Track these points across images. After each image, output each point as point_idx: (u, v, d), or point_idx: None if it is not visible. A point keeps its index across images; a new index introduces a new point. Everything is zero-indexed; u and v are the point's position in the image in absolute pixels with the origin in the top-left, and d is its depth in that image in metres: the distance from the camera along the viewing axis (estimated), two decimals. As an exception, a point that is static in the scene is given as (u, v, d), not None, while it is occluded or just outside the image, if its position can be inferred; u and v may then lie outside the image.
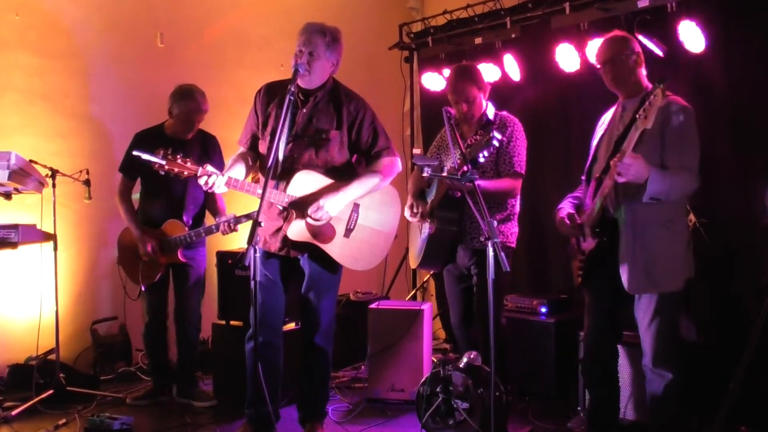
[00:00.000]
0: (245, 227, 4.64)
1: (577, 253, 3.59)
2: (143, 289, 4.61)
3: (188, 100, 4.61)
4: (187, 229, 4.60)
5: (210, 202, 4.81)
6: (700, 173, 3.29)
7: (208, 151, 4.70)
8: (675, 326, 3.45)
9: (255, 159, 3.90)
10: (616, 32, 3.56)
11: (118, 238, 4.75)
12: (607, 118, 3.63)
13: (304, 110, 3.73)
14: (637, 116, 3.09)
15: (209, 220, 4.82)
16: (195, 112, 4.62)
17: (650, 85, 3.44)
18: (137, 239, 4.58)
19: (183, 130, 4.64)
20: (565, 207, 3.65)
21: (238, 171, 3.74)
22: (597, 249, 3.43)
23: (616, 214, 3.34)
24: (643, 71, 3.47)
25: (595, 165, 3.54)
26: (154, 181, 4.53)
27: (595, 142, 3.62)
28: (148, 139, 4.50)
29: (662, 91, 3.02)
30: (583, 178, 3.67)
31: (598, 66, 3.54)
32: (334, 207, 3.67)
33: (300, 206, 3.66)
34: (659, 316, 3.33)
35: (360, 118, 3.78)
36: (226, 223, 4.45)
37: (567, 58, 5.06)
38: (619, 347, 3.99)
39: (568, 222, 3.54)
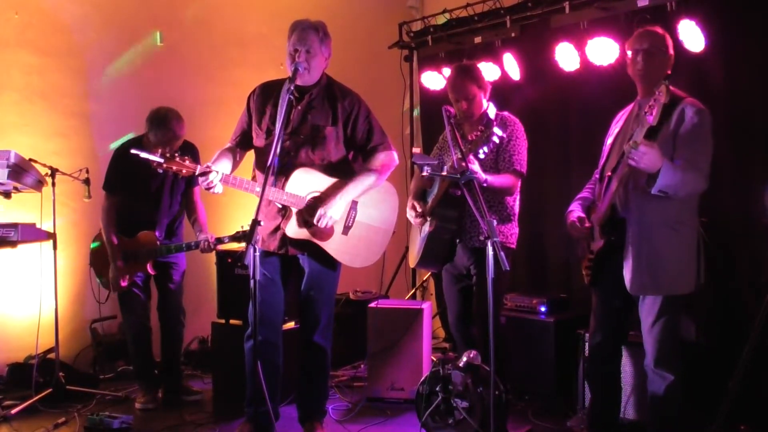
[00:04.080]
0: (238, 213, 4.68)
1: (586, 253, 3.59)
2: (117, 293, 4.60)
3: (163, 129, 4.48)
4: (158, 243, 4.60)
5: (191, 212, 4.79)
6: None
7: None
8: (678, 328, 3.44)
9: (242, 155, 3.95)
10: (658, 28, 3.51)
11: (93, 242, 4.69)
12: (623, 116, 3.61)
13: (299, 107, 3.74)
14: (644, 112, 3.09)
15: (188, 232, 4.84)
16: (171, 140, 4.48)
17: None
18: (111, 259, 4.55)
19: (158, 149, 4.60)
20: (575, 210, 3.64)
21: (224, 166, 3.74)
22: (605, 248, 3.42)
23: (625, 214, 3.34)
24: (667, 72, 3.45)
25: (608, 163, 3.53)
26: (130, 196, 4.57)
27: (609, 141, 3.60)
28: (128, 153, 4.47)
29: (666, 87, 3.01)
30: (596, 175, 3.67)
31: (629, 52, 3.47)
32: (337, 211, 3.69)
33: (304, 216, 3.68)
34: (663, 318, 3.32)
35: (355, 113, 3.80)
36: (205, 242, 4.52)
37: (567, 57, 5.06)
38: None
39: (579, 225, 3.54)
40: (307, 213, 3.67)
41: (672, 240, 3.30)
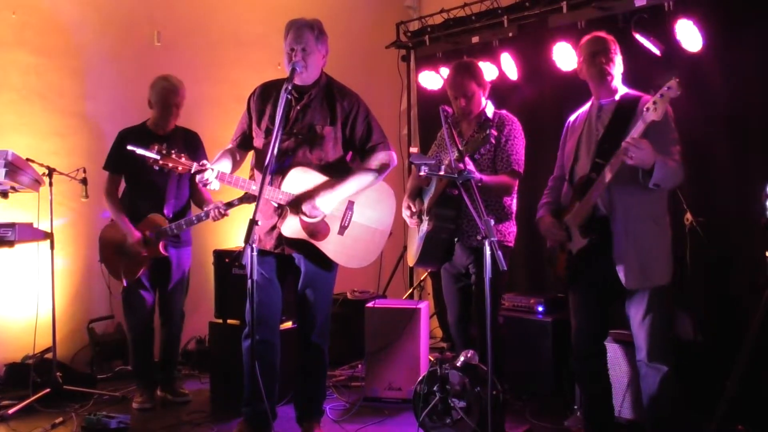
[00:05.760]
0: (236, 214, 4.67)
1: (558, 254, 3.61)
2: (125, 284, 4.58)
3: (163, 81, 4.63)
4: (167, 222, 4.56)
5: (196, 194, 4.79)
6: (695, 171, 3.34)
7: (191, 147, 4.57)
8: (668, 320, 3.49)
9: (243, 156, 3.95)
10: (603, 33, 3.62)
11: (99, 236, 4.69)
12: (578, 119, 3.68)
13: (298, 107, 3.74)
14: (645, 109, 3.15)
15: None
16: (170, 93, 4.60)
17: (621, 89, 3.52)
18: (127, 233, 4.52)
19: (162, 117, 4.64)
20: (546, 215, 3.70)
21: (224, 165, 3.74)
22: (586, 248, 3.44)
23: (608, 212, 3.36)
24: (621, 74, 3.54)
25: (576, 165, 3.58)
26: (135, 177, 4.59)
27: (571, 144, 3.66)
28: (132, 136, 4.47)
29: (677, 82, 3.06)
30: (553, 179, 3.75)
31: (581, 59, 3.58)
32: (328, 205, 3.68)
33: (295, 204, 3.67)
34: (652, 311, 3.37)
35: (354, 113, 3.80)
36: (215, 210, 4.40)
37: (564, 57, 5.06)
38: (615, 345, 4.02)
39: (554, 229, 3.58)
40: (301, 203, 3.65)
41: (655, 233, 3.38)
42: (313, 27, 3.70)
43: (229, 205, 4.39)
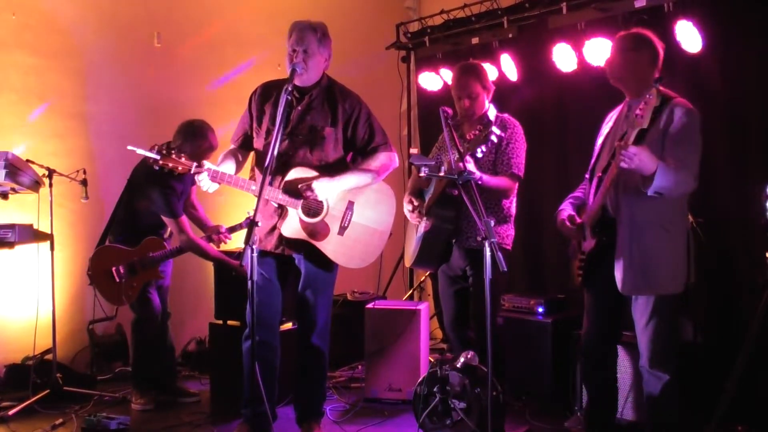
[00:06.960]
0: (235, 213, 4.69)
1: (577, 253, 3.59)
2: (129, 306, 4.58)
3: (201, 139, 4.49)
4: (166, 245, 4.57)
5: (191, 214, 4.79)
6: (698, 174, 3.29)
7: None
8: (672, 328, 3.43)
9: (245, 156, 3.93)
10: (641, 29, 3.53)
11: (91, 260, 4.54)
12: (613, 116, 3.62)
13: (299, 108, 3.74)
14: (635, 115, 3.09)
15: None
16: (207, 151, 4.48)
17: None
18: (229, 265, 4.62)
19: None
20: (566, 208, 3.63)
21: (228, 167, 3.74)
22: (597, 249, 3.42)
23: (615, 214, 3.34)
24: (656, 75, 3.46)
25: (598, 163, 3.54)
26: (134, 200, 4.56)
27: (600, 141, 3.61)
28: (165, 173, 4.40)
29: (657, 91, 3.02)
30: (587, 176, 3.67)
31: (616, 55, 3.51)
32: (324, 190, 3.67)
33: (293, 192, 3.67)
34: (656, 318, 3.31)
35: (355, 115, 3.80)
36: (216, 234, 4.62)
37: (564, 58, 5.06)
38: (618, 347, 4.00)
39: (569, 224, 3.54)
40: (291, 193, 3.67)
41: (663, 239, 3.28)
42: (316, 29, 3.70)
43: (232, 229, 4.46)
